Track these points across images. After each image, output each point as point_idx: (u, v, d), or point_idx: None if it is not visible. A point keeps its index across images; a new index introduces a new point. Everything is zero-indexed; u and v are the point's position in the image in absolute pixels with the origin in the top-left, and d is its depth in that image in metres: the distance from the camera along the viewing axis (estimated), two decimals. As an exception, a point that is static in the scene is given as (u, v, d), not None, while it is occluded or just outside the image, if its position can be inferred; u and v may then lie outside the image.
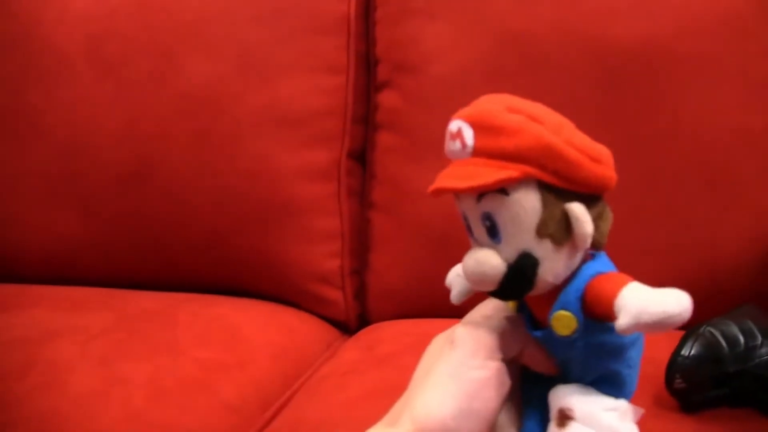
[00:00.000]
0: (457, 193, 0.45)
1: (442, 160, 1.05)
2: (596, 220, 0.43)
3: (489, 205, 0.43)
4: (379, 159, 1.12)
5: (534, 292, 0.44)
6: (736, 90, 0.92)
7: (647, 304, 0.38)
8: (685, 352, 0.72)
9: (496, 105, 0.44)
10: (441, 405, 0.42)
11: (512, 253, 0.43)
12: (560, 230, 0.42)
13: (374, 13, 1.13)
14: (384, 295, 1.11)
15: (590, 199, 0.42)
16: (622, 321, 0.38)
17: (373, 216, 1.12)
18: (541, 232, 0.42)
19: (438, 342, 0.48)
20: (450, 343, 0.45)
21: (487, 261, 0.43)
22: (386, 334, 1.02)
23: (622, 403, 0.42)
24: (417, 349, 0.65)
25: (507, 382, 0.43)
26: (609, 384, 0.43)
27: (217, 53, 1.11)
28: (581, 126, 0.45)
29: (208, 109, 1.11)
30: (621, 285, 0.39)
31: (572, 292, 0.42)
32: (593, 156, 0.42)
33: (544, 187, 0.42)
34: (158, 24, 1.14)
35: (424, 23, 1.07)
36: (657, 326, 0.38)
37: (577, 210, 0.42)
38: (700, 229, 0.95)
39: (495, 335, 0.45)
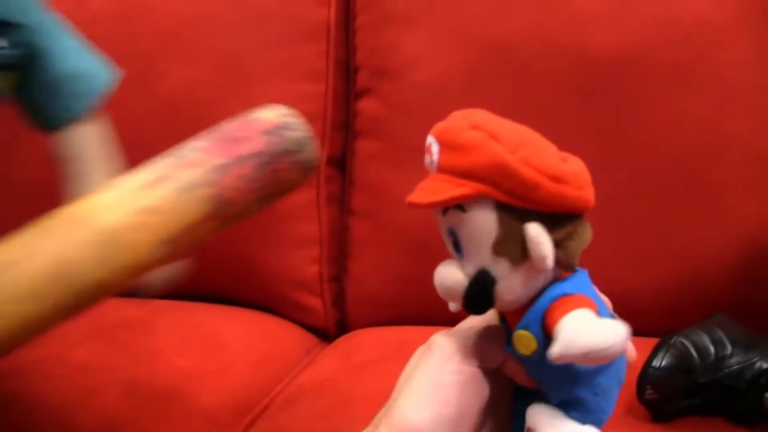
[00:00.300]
0: (420, 207, 0.45)
1: (421, 167, 1.06)
2: (564, 240, 0.42)
3: (451, 220, 0.44)
4: (358, 166, 1.12)
5: (501, 309, 0.44)
6: (711, 98, 0.93)
7: (577, 335, 0.38)
8: (656, 363, 0.72)
9: (460, 121, 0.44)
10: (417, 411, 0.42)
11: (473, 269, 0.43)
12: (517, 250, 0.42)
13: (354, 20, 1.13)
14: (363, 302, 1.11)
15: (557, 219, 0.42)
16: (553, 350, 0.38)
17: (352, 223, 1.12)
18: (498, 250, 0.42)
19: (419, 350, 0.48)
20: (428, 349, 0.45)
21: (448, 276, 0.44)
22: (365, 341, 1.02)
23: (588, 430, 0.42)
24: (395, 356, 0.66)
25: (485, 390, 0.43)
26: (575, 408, 0.43)
27: (198, 59, 1.11)
28: (558, 134, 0.45)
29: (188, 114, 1.10)
30: (566, 311, 0.40)
31: (535, 312, 0.42)
32: (554, 175, 0.41)
33: (500, 206, 0.42)
34: (139, 29, 1.14)
35: (404, 30, 1.07)
36: (586, 358, 0.38)
37: (532, 231, 0.41)
38: (677, 236, 0.95)
39: (473, 343, 0.45)
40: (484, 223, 0.42)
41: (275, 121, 0.57)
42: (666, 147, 0.95)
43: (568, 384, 0.42)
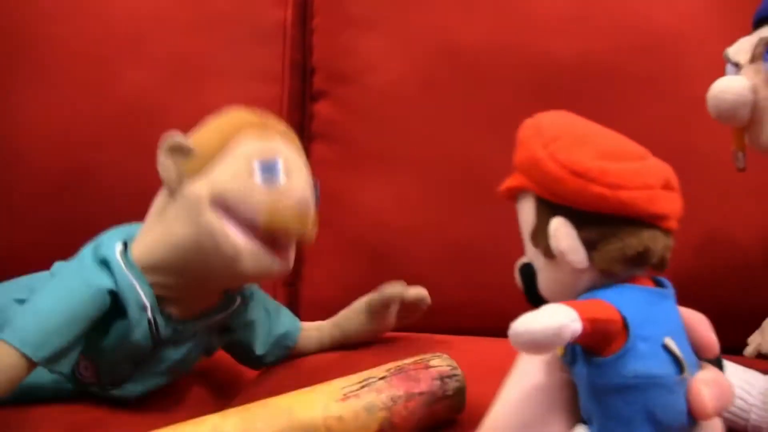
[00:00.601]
0: None
1: (375, 172, 1.04)
2: (599, 241, 0.42)
3: (518, 208, 0.47)
4: (314, 170, 1.08)
5: (550, 301, 0.44)
6: (673, 108, 0.93)
7: (519, 321, 0.37)
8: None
9: (532, 119, 0.47)
10: (506, 416, 0.45)
11: (526, 259, 0.46)
12: (549, 243, 0.43)
13: (311, 22, 1.12)
14: (317, 308, 1.07)
15: (591, 218, 0.42)
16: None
17: (308, 228, 1.10)
18: (534, 241, 0.44)
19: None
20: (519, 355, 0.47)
21: (518, 264, 0.47)
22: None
23: None
24: (341, 363, 0.70)
25: (572, 396, 0.44)
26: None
27: (152, 61, 1.09)
28: (515, 138, 0.46)
29: (142, 117, 1.08)
30: None
31: None
32: (576, 171, 0.42)
33: (538, 199, 0.44)
34: (92, 30, 1.11)
35: (360, 33, 1.06)
36: (522, 343, 0.37)
37: (553, 223, 0.42)
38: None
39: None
40: (527, 213, 0.45)
41: (444, 371, 0.69)
42: None
43: (586, 395, 0.42)
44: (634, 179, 0.42)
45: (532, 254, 0.46)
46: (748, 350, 0.74)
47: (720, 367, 0.46)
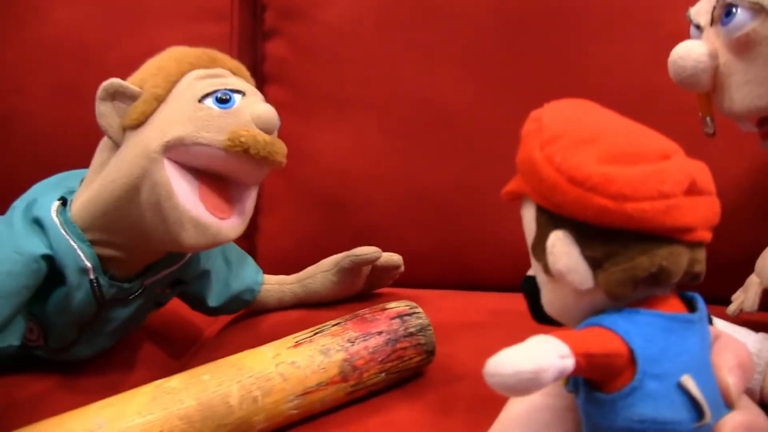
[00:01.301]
0: None
1: (332, 115, 0.98)
2: (604, 260, 0.36)
3: (522, 214, 0.42)
4: None
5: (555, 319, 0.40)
6: (646, 45, 0.87)
7: (499, 356, 0.33)
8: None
9: (538, 110, 0.41)
10: None
11: (531, 271, 0.41)
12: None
13: (261, -47, 1.05)
14: (275, 260, 1.04)
15: (598, 234, 0.36)
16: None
17: (263, 177, 1.05)
18: (535, 254, 0.39)
19: None
20: None
21: (529, 273, 0.42)
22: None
23: None
24: (305, 324, 0.68)
25: (578, 421, 0.39)
26: None
27: (80, -4, 1.02)
28: (480, 81, 0.41)
29: (73, 59, 1.01)
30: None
31: None
32: (574, 178, 0.36)
33: (539, 208, 0.38)
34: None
35: (314, -36, 0.99)
36: (496, 383, 0.33)
37: (551, 239, 0.37)
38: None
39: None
40: (528, 222, 0.40)
41: (403, 310, 0.68)
42: (595, 96, 0.88)
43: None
44: (645, 187, 0.35)
45: (535, 267, 0.40)
46: (731, 308, 0.72)
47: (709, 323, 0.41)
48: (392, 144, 0.96)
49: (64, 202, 0.68)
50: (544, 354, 0.33)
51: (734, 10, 0.55)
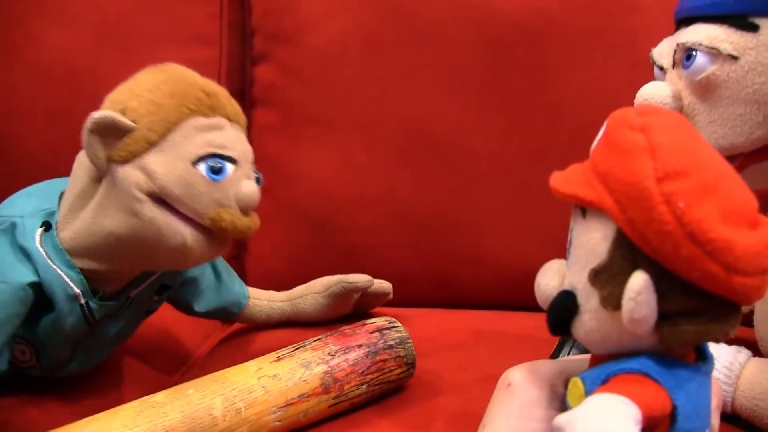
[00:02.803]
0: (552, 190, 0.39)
1: (319, 137, 0.99)
2: (677, 316, 0.33)
3: (573, 218, 0.38)
4: (256, 138, 1.04)
5: (581, 343, 0.37)
6: (623, 65, 0.89)
7: (578, 421, 0.32)
8: (562, 357, 0.69)
9: (637, 115, 0.36)
10: None
11: (567, 284, 0.38)
12: (614, 292, 0.34)
13: (249, -21, 1.06)
14: (264, 280, 1.04)
15: (683, 287, 0.33)
16: (556, 420, 0.33)
17: (251, 198, 1.06)
18: (594, 280, 0.35)
19: (498, 389, 0.42)
20: (507, 390, 0.40)
21: (546, 277, 0.39)
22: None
23: None
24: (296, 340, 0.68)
25: None
26: None
27: (74, 21, 1.02)
28: (463, 101, 0.40)
29: (66, 83, 1.02)
30: (606, 390, 0.33)
31: (602, 372, 0.35)
32: (696, 234, 0.32)
33: (621, 233, 0.34)
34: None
35: (301, -10, 1.01)
36: None
37: (634, 281, 0.33)
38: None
39: (556, 383, 0.40)
40: (596, 241, 0.35)
41: (382, 325, 0.70)
42: (576, 115, 0.91)
43: None
44: (757, 262, 0.33)
45: (580, 286, 0.37)
46: None
47: None
48: (378, 164, 0.97)
49: (47, 227, 0.66)
50: (629, 421, 0.32)
51: (694, 53, 0.57)
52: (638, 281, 0.33)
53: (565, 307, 0.37)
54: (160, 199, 0.61)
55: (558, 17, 0.92)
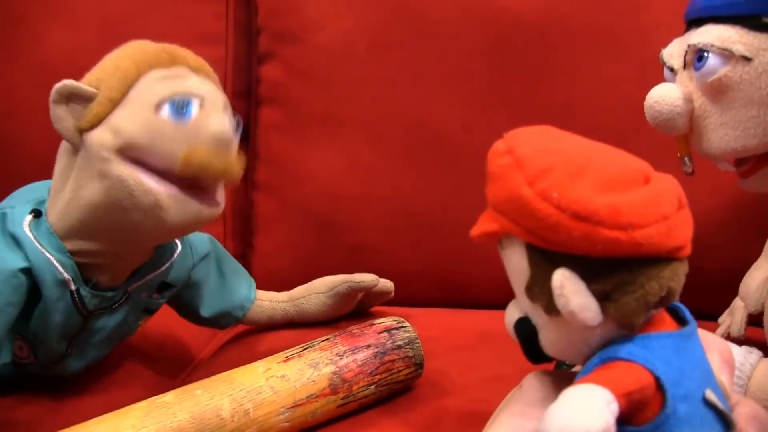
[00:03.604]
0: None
1: (325, 137, 0.98)
2: (613, 292, 0.35)
3: (500, 254, 0.40)
4: (262, 137, 1.05)
5: (555, 357, 0.39)
6: (632, 63, 0.89)
7: (555, 416, 0.32)
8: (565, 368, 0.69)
9: (505, 143, 0.39)
10: None
11: (521, 312, 0.40)
12: (550, 298, 0.36)
13: (255, -22, 1.06)
14: (269, 280, 1.04)
15: (603, 266, 0.35)
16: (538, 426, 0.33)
17: (257, 197, 1.05)
18: (531, 295, 0.37)
19: (515, 389, 0.44)
20: (519, 389, 0.42)
21: (508, 315, 0.42)
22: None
23: None
24: (300, 339, 0.69)
25: None
26: None
27: (79, 20, 1.03)
28: (470, 101, 0.41)
29: (71, 82, 1.01)
30: (585, 382, 0.34)
31: (584, 371, 0.36)
32: (577, 212, 0.34)
33: (529, 246, 0.37)
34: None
35: (307, -11, 1.01)
36: None
37: (555, 279, 0.35)
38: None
39: (566, 379, 0.40)
40: (518, 263, 0.38)
41: (391, 325, 0.70)
42: (584, 115, 0.91)
43: None
44: (650, 212, 0.35)
45: (528, 308, 0.39)
46: (718, 332, 0.73)
47: None
48: (384, 164, 0.97)
49: (37, 213, 0.66)
50: (602, 405, 0.32)
51: (706, 54, 0.56)
52: (557, 277, 0.35)
53: (525, 331, 0.39)
54: (131, 158, 0.61)
55: (565, 16, 0.92)
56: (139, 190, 0.60)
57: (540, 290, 0.37)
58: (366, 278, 0.85)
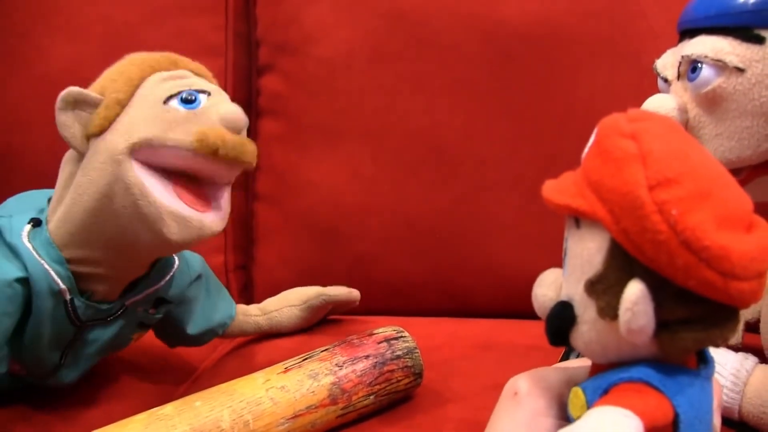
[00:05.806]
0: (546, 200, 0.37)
1: (325, 147, 0.98)
2: (676, 323, 0.33)
3: (568, 229, 0.37)
4: (262, 148, 1.03)
5: (580, 353, 0.37)
6: (630, 72, 0.89)
7: None
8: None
9: (628, 122, 0.34)
10: None
11: (564, 294, 0.37)
12: (611, 302, 0.34)
13: (255, -10, 1.07)
14: (271, 290, 1.04)
15: (679, 294, 0.32)
16: None
17: (258, 208, 1.06)
18: (590, 290, 0.35)
19: (503, 398, 0.41)
20: (513, 399, 0.39)
21: (542, 287, 0.39)
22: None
23: None
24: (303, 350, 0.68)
25: None
26: None
27: (81, 35, 1.03)
28: (470, 110, 0.39)
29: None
30: (606, 403, 0.33)
31: (603, 381, 0.35)
32: (690, 242, 0.31)
33: (615, 243, 0.33)
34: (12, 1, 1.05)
35: (305, 1, 1.01)
36: None
37: (630, 292, 0.32)
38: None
39: (564, 392, 0.39)
40: (591, 252, 0.35)
41: (390, 335, 0.70)
42: (583, 124, 0.89)
43: None
44: (752, 266, 0.32)
45: (577, 296, 0.36)
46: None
47: None
48: (386, 174, 0.97)
49: (37, 222, 0.66)
50: None
51: (699, 65, 0.56)
52: (634, 291, 0.32)
53: (562, 318, 0.36)
54: (143, 158, 0.61)
55: (564, 26, 0.93)
56: (144, 201, 0.60)
57: (603, 290, 0.34)
58: (340, 291, 0.87)
